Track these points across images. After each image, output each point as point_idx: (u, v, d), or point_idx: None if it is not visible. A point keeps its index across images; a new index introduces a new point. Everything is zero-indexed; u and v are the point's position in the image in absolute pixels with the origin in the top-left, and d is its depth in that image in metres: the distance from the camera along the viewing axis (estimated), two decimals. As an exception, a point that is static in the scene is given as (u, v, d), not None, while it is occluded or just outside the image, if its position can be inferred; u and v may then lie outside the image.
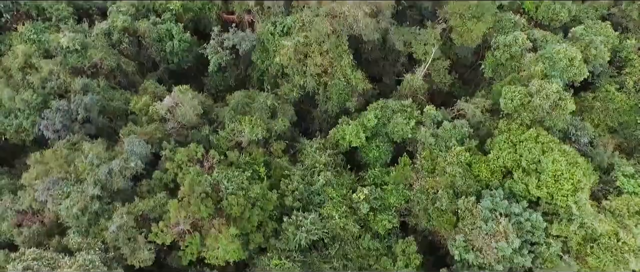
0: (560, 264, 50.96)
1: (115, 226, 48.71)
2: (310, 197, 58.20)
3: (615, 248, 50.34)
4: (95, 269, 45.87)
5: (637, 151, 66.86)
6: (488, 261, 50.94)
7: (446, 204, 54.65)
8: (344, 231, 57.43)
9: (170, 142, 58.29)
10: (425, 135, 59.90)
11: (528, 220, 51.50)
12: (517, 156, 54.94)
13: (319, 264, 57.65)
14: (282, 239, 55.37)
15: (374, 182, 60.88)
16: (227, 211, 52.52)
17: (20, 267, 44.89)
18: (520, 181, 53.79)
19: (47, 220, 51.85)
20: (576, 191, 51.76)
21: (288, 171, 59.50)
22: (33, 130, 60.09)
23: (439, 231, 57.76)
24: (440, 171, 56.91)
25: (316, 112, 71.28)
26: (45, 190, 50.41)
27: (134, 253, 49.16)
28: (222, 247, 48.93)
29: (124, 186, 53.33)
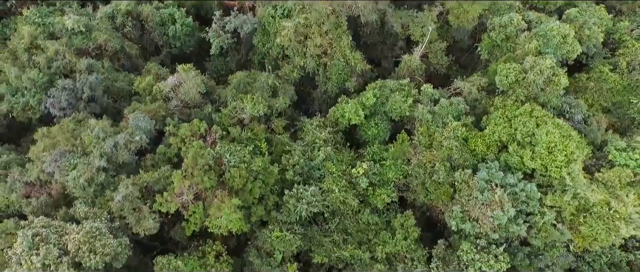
0: (555, 233, 52.30)
1: (120, 196, 50.05)
2: (310, 172, 59.55)
3: (607, 217, 51.75)
4: (102, 236, 47.15)
5: (630, 130, 68.26)
6: (484, 231, 52.30)
7: (443, 177, 56.04)
8: (344, 205, 58.79)
9: (174, 119, 59.63)
10: (423, 112, 61.31)
11: (523, 190, 52.87)
12: (512, 130, 56.39)
13: (320, 238, 59.03)
14: (283, 212, 56.70)
15: (373, 158, 62.23)
16: (230, 183, 53.91)
17: (30, 234, 46.22)
18: (515, 153, 55.22)
19: (54, 192, 53.16)
20: (569, 163, 53.19)
21: (289, 146, 60.90)
22: (39, 108, 61.43)
23: (436, 205, 59.11)
24: (437, 145, 58.32)
25: (316, 93, 72.64)
26: (53, 162, 51.77)
27: (139, 222, 50.51)
28: (225, 216, 50.25)
29: (128, 160, 54.71)
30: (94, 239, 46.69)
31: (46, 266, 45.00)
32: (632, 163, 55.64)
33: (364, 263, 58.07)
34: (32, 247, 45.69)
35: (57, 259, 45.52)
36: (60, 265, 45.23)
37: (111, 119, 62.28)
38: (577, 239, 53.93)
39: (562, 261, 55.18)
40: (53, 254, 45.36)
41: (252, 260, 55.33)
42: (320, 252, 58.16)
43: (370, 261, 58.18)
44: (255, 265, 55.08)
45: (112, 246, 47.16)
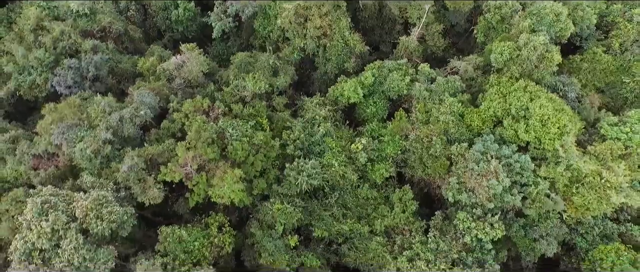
0: (548, 203, 53.81)
1: (126, 166, 51.49)
2: (310, 147, 61.04)
3: (598, 187, 53.31)
4: (108, 204, 48.57)
5: (623, 110, 69.72)
6: (480, 201, 53.81)
7: (440, 150, 57.60)
8: (343, 179, 60.27)
9: (178, 96, 61.14)
10: (420, 89, 62.90)
11: (517, 162, 54.42)
12: (506, 105, 57.98)
13: (320, 212, 60.49)
14: (284, 185, 58.14)
15: (372, 135, 63.73)
16: (232, 156, 55.42)
17: (39, 201, 47.63)
18: (510, 127, 56.81)
19: (61, 164, 54.60)
20: (562, 135, 54.77)
21: (289, 123, 62.42)
22: (46, 86, 62.94)
23: (433, 179, 60.65)
24: (434, 121, 59.91)
25: (316, 75, 74.16)
26: (60, 134, 53.23)
27: (144, 192, 51.94)
28: (228, 186, 51.69)
29: (133, 134, 56.19)
30: (101, 206, 48.09)
31: (55, 230, 46.40)
32: (623, 136, 57.24)
33: (363, 236, 59.53)
34: (42, 213, 47.09)
35: (66, 225, 46.92)
36: (69, 230, 46.62)
37: (115, 99, 63.89)
38: (570, 210, 55.47)
39: (556, 232, 56.65)
40: (61, 220, 46.76)
41: (253, 231, 56.71)
42: (320, 226, 59.60)
43: (369, 235, 59.67)
44: (257, 236, 56.44)
45: (118, 214, 48.57)
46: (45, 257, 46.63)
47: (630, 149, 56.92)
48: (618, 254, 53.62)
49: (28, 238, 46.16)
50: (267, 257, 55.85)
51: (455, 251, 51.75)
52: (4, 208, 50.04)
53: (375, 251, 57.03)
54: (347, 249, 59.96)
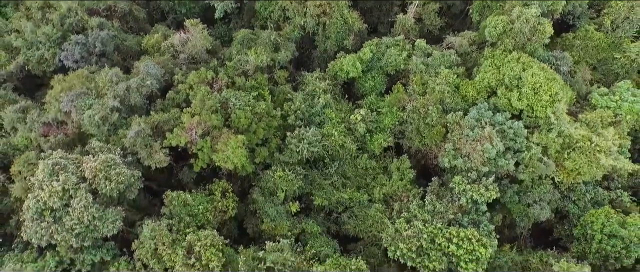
0: (541, 166, 55.73)
1: (133, 132, 53.33)
2: (311, 117, 62.99)
3: (589, 151, 55.26)
4: (116, 166, 50.42)
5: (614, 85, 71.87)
6: (475, 165, 55.72)
7: (436, 119, 59.57)
8: (343, 149, 62.20)
9: (182, 69, 63.06)
10: (417, 62, 64.93)
11: (510, 128, 56.40)
12: (500, 75, 59.98)
13: (320, 181, 62.38)
14: (285, 153, 60.04)
15: (370, 108, 65.71)
16: (235, 124, 57.36)
17: (50, 163, 49.49)
18: (503, 96, 58.81)
19: (70, 131, 56.43)
20: (554, 102, 56.76)
21: (290, 95, 64.35)
22: (53, 61, 64.81)
23: (430, 149, 62.57)
24: (430, 91, 61.85)
25: (316, 53, 76.10)
26: (70, 101, 55.09)
27: (150, 156, 53.77)
28: (231, 150, 53.50)
29: (140, 103, 58.07)
30: (109, 168, 49.89)
31: (66, 190, 48.19)
32: (613, 105, 59.31)
33: (362, 205, 61.37)
34: (53, 174, 48.92)
35: (76, 185, 48.73)
36: (79, 190, 48.43)
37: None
38: (562, 175, 57.41)
39: (549, 197, 58.54)
40: (72, 180, 48.55)
41: (255, 198, 58.50)
42: (320, 195, 61.41)
43: (368, 204, 61.54)
44: (259, 202, 58.23)
45: (126, 175, 50.37)
46: (56, 216, 48.38)
47: (619, 116, 58.97)
48: (608, 217, 55.52)
49: (40, 197, 47.92)
50: (269, 223, 57.64)
51: (452, 212, 53.57)
52: (16, 170, 51.90)
53: (374, 218, 58.83)
54: (346, 217, 61.72)
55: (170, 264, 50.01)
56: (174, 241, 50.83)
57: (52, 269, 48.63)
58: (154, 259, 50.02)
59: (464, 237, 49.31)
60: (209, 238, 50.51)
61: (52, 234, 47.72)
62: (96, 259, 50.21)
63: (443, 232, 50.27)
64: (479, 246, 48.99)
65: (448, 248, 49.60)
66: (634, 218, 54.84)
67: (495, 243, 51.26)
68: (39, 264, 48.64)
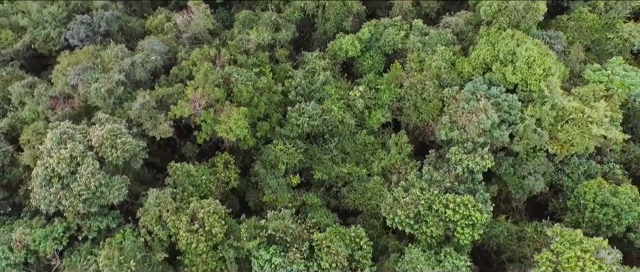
0: (534, 137, 57.22)
1: (138, 104, 54.85)
2: (311, 94, 64.56)
3: (581, 122, 56.78)
4: (122, 135, 51.90)
5: (607, 65, 73.49)
6: (471, 136, 57.21)
7: (432, 93, 61.12)
8: (342, 124, 63.73)
9: (185, 46, 64.66)
10: (414, 41, 66.53)
11: (505, 101, 57.94)
12: (495, 51, 61.56)
13: (320, 156, 63.89)
14: (286, 127, 61.58)
15: (369, 85, 67.28)
16: (237, 98, 58.92)
17: (58, 132, 50.99)
18: (498, 71, 60.37)
19: (76, 105, 57.95)
20: (547, 76, 58.33)
21: (291, 72, 65.92)
22: (59, 40, 66.42)
23: (427, 124, 64.09)
24: (427, 67, 63.43)
25: (316, 35, 77.72)
26: (76, 75, 56.65)
27: (155, 127, 55.28)
28: (234, 121, 54.99)
29: (144, 78, 59.64)
30: (115, 137, 51.38)
31: (73, 157, 49.66)
32: (605, 79, 60.89)
33: (361, 179, 62.84)
34: (61, 142, 50.42)
35: (83, 153, 50.20)
36: (86, 157, 49.89)
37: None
38: (556, 147, 58.90)
39: (543, 170, 60.03)
40: (79, 148, 50.03)
41: (257, 170, 59.97)
42: (320, 169, 62.91)
43: (367, 178, 63.02)
44: (260, 175, 59.70)
45: (132, 144, 51.86)
46: (64, 183, 49.83)
47: (611, 91, 60.51)
48: (600, 187, 56.91)
49: (48, 164, 49.39)
50: (270, 195, 59.11)
51: (448, 181, 54.98)
52: (25, 138, 53.42)
53: (373, 190, 60.26)
54: (346, 191, 63.11)
55: (174, 231, 51.37)
56: (178, 209, 52.26)
57: (60, 234, 49.98)
58: (158, 225, 51.39)
59: (460, 203, 50.72)
60: (212, 206, 51.92)
61: (60, 200, 49.17)
62: (102, 226, 51.60)
63: (440, 198, 51.68)
64: (474, 211, 50.39)
65: (445, 214, 51.01)
66: (625, 188, 56.27)
67: (490, 209, 52.64)
68: (48, 229, 50.01)
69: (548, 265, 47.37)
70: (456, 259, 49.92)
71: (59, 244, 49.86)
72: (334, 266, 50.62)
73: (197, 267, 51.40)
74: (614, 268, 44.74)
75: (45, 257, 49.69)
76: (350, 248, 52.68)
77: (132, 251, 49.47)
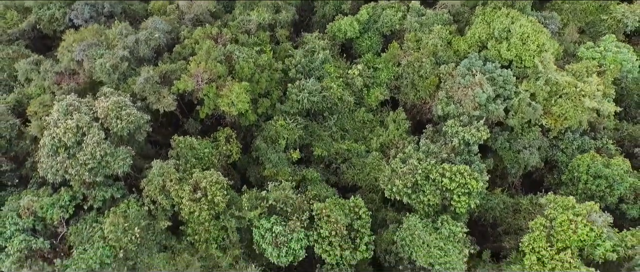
0: (529, 111, 58.61)
1: (142, 78, 56.21)
2: (310, 72, 65.99)
3: (574, 96, 58.20)
4: (127, 107, 53.23)
5: (601, 47, 74.87)
6: (467, 110, 58.59)
7: (429, 70, 62.57)
8: (341, 101, 65.13)
9: (188, 25, 66.07)
10: (411, 21, 68.01)
11: (500, 76, 59.37)
12: (490, 29, 63.04)
13: (320, 133, 65.30)
14: (286, 104, 62.99)
15: (367, 65, 68.70)
16: (239, 74, 60.28)
17: (64, 104, 52.32)
18: (493, 48, 61.88)
19: (81, 80, 59.32)
20: (541, 52, 59.79)
21: (291, 51, 67.36)
22: (64, 20, 67.78)
23: (425, 101, 65.48)
24: (423, 46, 64.87)
25: (315, 18, 79.16)
26: (82, 51, 58.06)
27: (159, 100, 56.62)
28: (235, 95, 56.36)
29: (148, 55, 61.06)
30: (120, 109, 52.70)
31: (79, 127, 50.95)
32: (598, 55, 62.34)
33: (360, 155, 64.20)
34: (67, 113, 51.75)
35: (89, 123, 51.51)
36: (92, 128, 51.20)
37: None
38: (550, 121, 60.29)
39: (538, 144, 61.43)
40: (85, 119, 51.36)
41: (258, 145, 61.34)
42: (320, 146, 64.30)
43: (366, 154, 64.40)
44: (261, 149, 61.06)
45: (136, 116, 53.17)
46: (70, 153, 51.12)
47: (604, 67, 61.97)
48: (593, 160, 58.29)
49: (55, 134, 50.67)
50: (271, 169, 60.45)
51: (445, 152, 56.29)
52: (32, 110, 54.75)
53: (372, 165, 61.64)
54: (345, 168, 64.48)
55: (178, 200, 52.63)
56: (181, 179, 53.55)
57: (67, 202, 51.20)
58: (161, 195, 52.62)
59: (456, 172, 51.97)
60: (214, 176, 53.18)
61: (66, 169, 50.44)
62: (107, 196, 52.80)
63: (436, 168, 52.98)
64: (470, 180, 51.66)
65: (441, 183, 52.32)
66: (617, 160, 57.65)
67: (485, 179, 53.95)
68: (54, 198, 51.25)
69: (541, 230, 48.69)
70: (453, 226, 51.21)
71: (65, 212, 51.04)
72: (334, 234, 51.96)
73: (200, 236, 52.70)
74: (604, 230, 46.04)
75: (52, 224, 50.89)
76: (350, 218, 54.01)
77: (136, 218, 50.76)
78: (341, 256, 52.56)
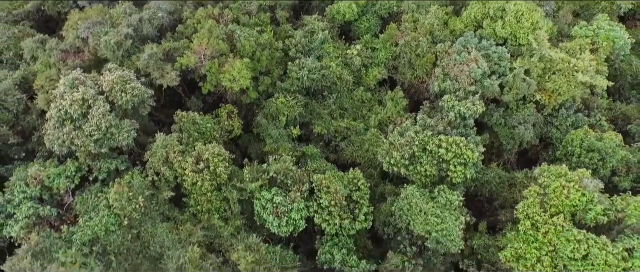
0: (523, 86, 60.03)
1: (146, 54, 57.61)
2: (310, 52, 67.46)
3: (568, 72, 59.66)
4: (131, 81, 54.61)
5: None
6: (462, 86, 60.02)
7: (426, 49, 64.03)
8: (340, 80, 66.56)
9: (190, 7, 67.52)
10: (408, 3, 69.53)
11: (495, 52, 60.83)
12: (485, 9, 64.48)
13: (319, 111, 66.72)
14: (287, 82, 64.41)
15: (365, 46, 70.19)
16: (240, 52, 61.69)
17: (70, 78, 53.70)
18: (488, 26, 63.30)
19: (86, 58, 60.69)
20: (535, 29, 61.25)
21: (291, 32, 68.85)
22: (68, 2, 69.10)
23: (422, 80, 66.93)
24: (420, 25, 66.36)
25: (315, 3, 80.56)
26: (87, 28, 59.50)
27: (162, 76, 57.99)
28: (237, 70, 57.77)
29: (152, 33, 62.49)
30: (125, 83, 54.08)
31: (85, 100, 52.32)
32: (590, 33, 63.80)
33: (359, 133, 65.59)
34: (73, 86, 53.12)
35: (94, 96, 52.89)
36: (97, 100, 52.58)
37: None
38: (544, 97, 61.73)
39: (532, 120, 62.86)
40: (90, 92, 52.73)
41: (259, 121, 62.72)
42: (319, 124, 65.69)
43: (364, 132, 65.78)
44: (262, 125, 62.43)
45: (140, 90, 54.55)
46: (76, 125, 52.47)
47: (597, 44, 63.46)
48: (586, 134, 59.69)
49: (61, 106, 52.02)
50: (271, 144, 61.78)
51: (441, 125, 57.66)
52: (39, 84, 56.16)
53: (370, 141, 63.00)
54: (344, 145, 65.84)
55: (180, 172, 53.95)
56: (183, 152, 54.91)
57: (72, 172, 52.51)
58: (165, 166, 53.96)
59: (452, 143, 53.34)
60: (216, 149, 54.52)
61: (72, 140, 51.77)
62: (112, 167, 54.09)
63: (433, 139, 54.33)
64: (466, 150, 52.99)
65: (438, 153, 53.66)
66: (609, 134, 59.06)
67: (481, 150, 55.28)
68: (61, 168, 52.56)
69: (535, 197, 50.01)
70: (449, 195, 52.54)
71: (71, 183, 52.34)
72: (333, 203, 53.29)
73: (202, 206, 54.00)
74: (595, 195, 47.39)
75: (58, 193, 52.19)
76: (349, 189, 55.35)
77: (140, 188, 52.07)
78: (340, 225, 53.91)
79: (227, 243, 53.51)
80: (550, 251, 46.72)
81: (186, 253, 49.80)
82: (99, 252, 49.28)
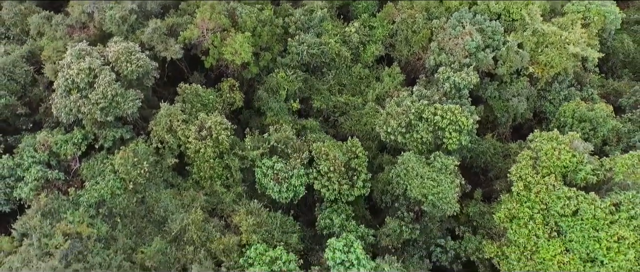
0: (516, 58, 61.81)
1: (150, 28, 59.33)
2: (309, 29, 69.18)
3: (559, 44, 61.46)
4: (136, 52, 56.28)
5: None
6: (457, 59, 61.75)
7: (422, 24, 65.80)
8: (339, 57, 68.31)
9: (191, -13, 69.37)
10: (405, -16, 71.45)
11: (489, 27, 62.63)
12: (480, -14, 66.49)
13: (318, 86, 68.43)
14: (287, 57, 66.16)
15: (363, 24, 71.95)
16: (242, 28, 63.41)
17: (77, 48, 55.37)
18: (483, 2, 65.12)
19: (92, 33, 62.38)
20: (528, 5, 63.07)
21: (291, 10, 70.64)
22: (74, -18, 70.74)
23: (418, 56, 68.70)
24: (417, 3, 68.18)
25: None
26: (92, 4, 61.14)
27: (166, 49, 59.67)
28: (239, 44, 59.49)
29: (155, 10, 64.16)
30: (130, 54, 55.75)
31: (92, 69, 53.96)
32: (582, 8, 65.63)
33: (357, 108, 67.29)
34: (79, 57, 54.78)
35: (100, 66, 54.53)
36: (103, 70, 54.22)
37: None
38: (537, 70, 63.52)
39: (526, 93, 64.62)
40: (97, 62, 54.38)
41: (260, 94, 64.40)
42: (319, 99, 67.40)
43: (362, 106, 67.49)
44: (263, 99, 64.11)
45: (145, 61, 56.22)
46: (83, 94, 54.07)
47: (588, 19, 65.30)
48: (578, 106, 61.44)
49: (68, 75, 53.62)
50: (272, 117, 63.42)
51: (437, 96, 59.35)
52: (47, 54, 57.80)
53: (368, 114, 64.70)
54: (343, 120, 67.53)
55: (184, 140, 55.61)
56: (187, 121, 56.57)
57: (79, 140, 54.10)
58: (168, 134, 55.61)
59: (447, 110, 55.04)
60: (219, 118, 56.16)
61: (79, 107, 53.34)
62: (117, 135, 55.66)
63: (429, 108, 56.01)
64: (461, 117, 54.67)
65: (434, 121, 55.33)
66: (600, 105, 60.82)
67: (476, 118, 56.92)
68: (68, 136, 54.16)
69: (528, 160, 51.70)
70: (445, 159, 54.18)
71: (77, 149, 53.94)
72: (332, 169, 54.90)
73: (205, 173, 55.62)
74: (585, 156, 49.07)
75: (65, 159, 53.77)
76: (347, 156, 56.99)
77: (145, 154, 53.72)
78: (339, 191, 55.50)
79: (229, 209, 55.05)
80: (542, 209, 48.39)
81: (190, 216, 51.33)
82: (105, 214, 50.80)
